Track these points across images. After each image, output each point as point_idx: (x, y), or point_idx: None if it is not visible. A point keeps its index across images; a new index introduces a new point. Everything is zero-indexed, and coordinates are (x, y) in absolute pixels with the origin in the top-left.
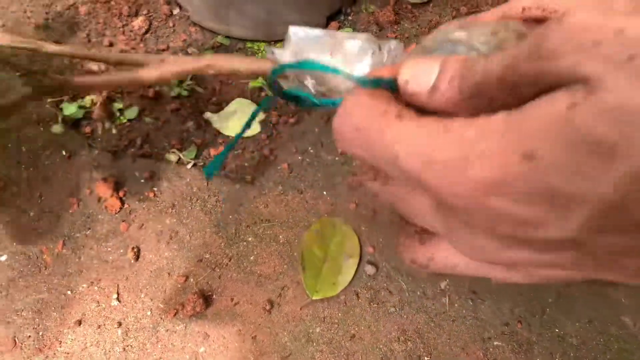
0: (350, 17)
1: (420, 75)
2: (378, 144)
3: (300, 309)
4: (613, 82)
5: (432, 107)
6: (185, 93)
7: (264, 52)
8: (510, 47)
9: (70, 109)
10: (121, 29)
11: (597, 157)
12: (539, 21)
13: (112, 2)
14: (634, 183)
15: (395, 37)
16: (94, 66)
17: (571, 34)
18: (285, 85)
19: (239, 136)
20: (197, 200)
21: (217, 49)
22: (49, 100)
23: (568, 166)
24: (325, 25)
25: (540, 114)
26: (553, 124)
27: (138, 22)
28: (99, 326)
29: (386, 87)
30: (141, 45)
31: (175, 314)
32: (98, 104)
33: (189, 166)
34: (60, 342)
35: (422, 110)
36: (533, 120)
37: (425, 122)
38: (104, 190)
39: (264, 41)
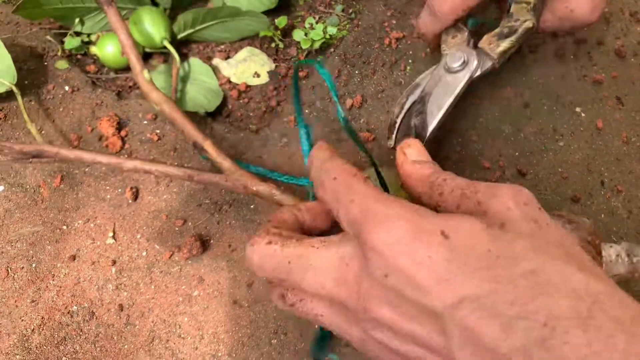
0: None
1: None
2: (344, 190)
3: None
4: (516, 223)
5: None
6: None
7: None
8: None
9: (72, 42)
10: None
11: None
12: None
13: None
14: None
15: None
16: None
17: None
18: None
19: None
20: None
21: None
22: (52, 32)
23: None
24: None
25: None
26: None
27: None
28: (93, 263)
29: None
30: None
31: (170, 256)
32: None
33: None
34: (54, 275)
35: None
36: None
37: (384, 196)
38: (106, 128)
39: None
